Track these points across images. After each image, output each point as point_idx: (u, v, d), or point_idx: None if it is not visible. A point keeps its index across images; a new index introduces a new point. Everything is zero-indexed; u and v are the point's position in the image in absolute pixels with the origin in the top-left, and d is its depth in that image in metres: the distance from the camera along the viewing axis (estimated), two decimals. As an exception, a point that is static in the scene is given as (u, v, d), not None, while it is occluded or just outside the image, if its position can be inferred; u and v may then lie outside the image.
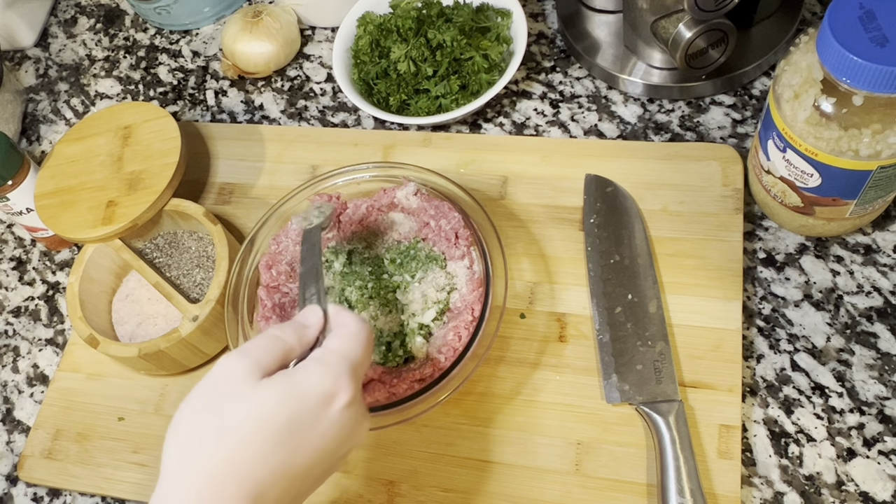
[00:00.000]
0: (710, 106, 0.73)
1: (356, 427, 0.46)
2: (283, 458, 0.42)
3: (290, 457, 0.42)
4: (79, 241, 0.71)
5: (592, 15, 0.78)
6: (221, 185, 0.78)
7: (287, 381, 0.43)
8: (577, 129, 0.75)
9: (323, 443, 0.43)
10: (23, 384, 0.73)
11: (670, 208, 0.67)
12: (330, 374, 0.44)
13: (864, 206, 0.59)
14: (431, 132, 0.77)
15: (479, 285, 0.61)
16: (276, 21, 0.83)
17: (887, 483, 0.56)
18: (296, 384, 0.43)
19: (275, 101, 0.84)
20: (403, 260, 0.64)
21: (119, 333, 0.71)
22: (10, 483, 0.68)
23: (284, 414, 0.42)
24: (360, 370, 0.46)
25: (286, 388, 0.43)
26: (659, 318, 0.62)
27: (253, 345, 0.45)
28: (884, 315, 0.61)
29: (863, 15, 0.50)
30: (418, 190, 0.66)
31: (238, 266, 0.65)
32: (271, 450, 0.42)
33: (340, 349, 0.45)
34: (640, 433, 0.59)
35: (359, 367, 0.46)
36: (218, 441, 0.41)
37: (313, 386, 0.43)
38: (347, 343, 0.46)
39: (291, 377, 0.43)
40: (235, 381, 0.43)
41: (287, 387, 0.43)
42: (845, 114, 0.52)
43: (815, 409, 0.59)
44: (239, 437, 0.41)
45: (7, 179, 0.71)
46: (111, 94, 0.90)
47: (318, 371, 0.44)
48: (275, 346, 0.45)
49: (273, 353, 0.45)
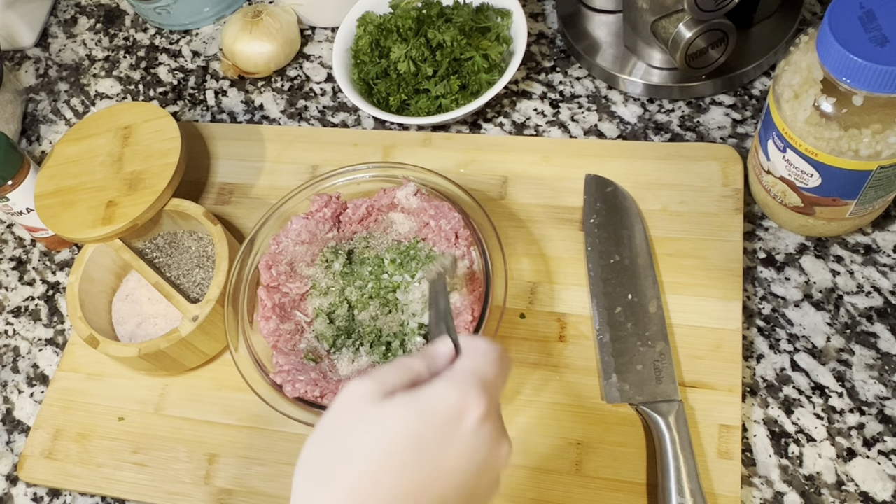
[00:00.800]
0: (710, 106, 0.73)
1: (494, 448, 0.41)
2: (413, 483, 0.38)
3: (421, 481, 0.38)
4: (79, 241, 0.71)
5: (592, 15, 0.78)
6: (221, 185, 0.78)
7: (411, 398, 0.39)
8: (577, 129, 0.75)
9: (458, 465, 0.39)
10: (23, 384, 0.73)
11: (670, 208, 0.67)
12: (457, 388, 0.40)
13: (864, 206, 0.59)
14: (431, 132, 0.77)
15: (479, 285, 0.61)
16: (276, 21, 0.83)
17: (887, 483, 0.56)
18: (420, 400, 0.39)
19: (275, 101, 0.84)
20: (403, 260, 0.64)
21: (119, 333, 0.71)
22: (10, 483, 0.68)
23: (409, 433, 0.38)
24: (493, 388, 0.42)
25: (410, 405, 0.39)
26: (659, 318, 0.62)
27: (379, 370, 0.42)
28: (884, 315, 0.61)
29: (863, 15, 0.50)
30: (418, 190, 0.66)
31: (238, 266, 0.65)
32: (399, 474, 0.38)
33: (469, 366, 0.42)
34: (640, 433, 0.59)
35: (491, 385, 0.41)
36: (344, 471, 0.38)
37: (440, 401, 0.39)
38: (476, 360, 0.42)
39: (416, 393, 0.40)
40: (358, 404, 0.40)
41: (411, 403, 0.39)
42: (845, 114, 0.52)
43: (815, 409, 0.59)
44: (364, 464, 0.38)
45: (7, 179, 0.71)
46: (111, 94, 0.90)
47: (445, 386, 0.40)
48: (401, 372, 0.42)
49: (399, 377, 0.41)
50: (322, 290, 0.65)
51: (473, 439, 0.40)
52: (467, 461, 0.39)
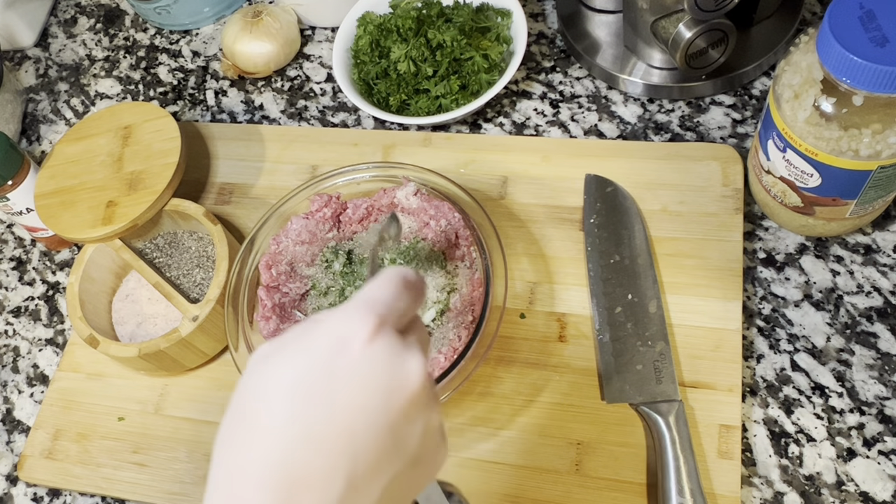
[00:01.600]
0: (710, 106, 0.73)
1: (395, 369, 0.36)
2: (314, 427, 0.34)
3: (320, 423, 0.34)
4: (79, 241, 0.71)
5: (592, 15, 0.78)
6: (221, 185, 0.78)
7: (298, 341, 0.36)
8: (577, 129, 0.75)
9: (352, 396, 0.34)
10: (23, 384, 0.73)
11: (670, 208, 0.67)
12: (338, 316, 0.36)
13: (864, 206, 0.59)
14: (431, 132, 0.77)
15: (479, 285, 0.61)
16: (276, 21, 0.83)
17: (887, 483, 0.56)
18: (305, 340, 0.36)
19: (275, 101, 0.84)
20: (403, 260, 0.64)
21: (119, 333, 0.71)
22: (10, 483, 0.68)
23: (297, 376, 0.35)
24: (385, 306, 0.37)
25: (297, 348, 0.36)
26: (659, 318, 0.62)
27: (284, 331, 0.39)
28: (884, 315, 0.61)
29: (863, 15, 0.50)
30: (418, 190, 0.66)
31: (238, 266, 0.65)
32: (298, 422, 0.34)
33: (359, 294, 0.38)
34: (640, 433, 0.59)
35: (383, 304, 0.37)
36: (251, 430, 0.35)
37: (321, 333, 0.36)
38: (369, 287, 0.38)
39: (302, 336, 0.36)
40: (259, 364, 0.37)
41: (298, 345, 0.36)
42: (845, 114, 0.52)
43: (815, 409, 0.59)
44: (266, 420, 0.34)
45: (7, 179, 0.71)
46: (111, 94, 0.90)
47: (327, 318, 0.37)
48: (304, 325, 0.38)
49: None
50: (322, 290, 0.65)
51: (362, 363, 0.35)
52: (361, 389, 0.35)
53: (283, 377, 0.35)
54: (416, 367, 0.36)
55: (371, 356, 0.35)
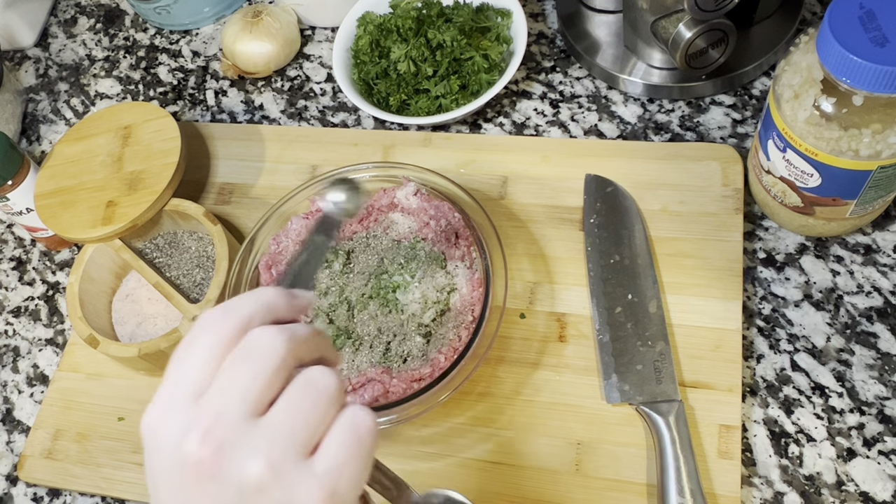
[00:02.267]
0: (710, 106, 0.73)
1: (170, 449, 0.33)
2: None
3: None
4: (79, 241, 0.71)
5: (592, 15, 0.78)
6: (221, 185, 0.78)
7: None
8: (577, 129, 0.75)
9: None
10: (23, 384, 0.73)
11: (670, 208, 0.67)
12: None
13: (864, 206, 0.59)
14: (431, 132, 0.77)
15: (479, 285, 0.61)
16: (276, 21, 0.83)
17: (887, 483, 0.56)
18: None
19: (275, 101, 0.84)
20: (403, 260, 0.64)
21: (119, 333, 0.71)
22: (10, 483, 0.68)
23: None
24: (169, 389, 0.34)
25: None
26: (659, 318, 0.62)
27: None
28: (884, 315, 0.61)
29: (863, 15, 0.50)
30: (418, 190, 0.66)
31: (238, 266, 0.65)
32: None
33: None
34: (640, 433, 0.59)
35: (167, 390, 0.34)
36: None
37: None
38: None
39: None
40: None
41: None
42: (845, 114, 0.52)
43: (815, 409, 0.59)
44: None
45: (7, 179, 0.71)
46: (111, 94, 0.90)
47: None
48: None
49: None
50: (322, 290, 0.65)
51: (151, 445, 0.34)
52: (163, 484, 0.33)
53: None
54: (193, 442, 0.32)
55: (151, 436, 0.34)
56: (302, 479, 0.32)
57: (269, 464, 0.31)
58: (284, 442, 0.32)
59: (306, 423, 0.32)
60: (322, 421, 0.33)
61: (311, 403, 0.33)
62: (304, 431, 0.32)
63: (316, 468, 0.32)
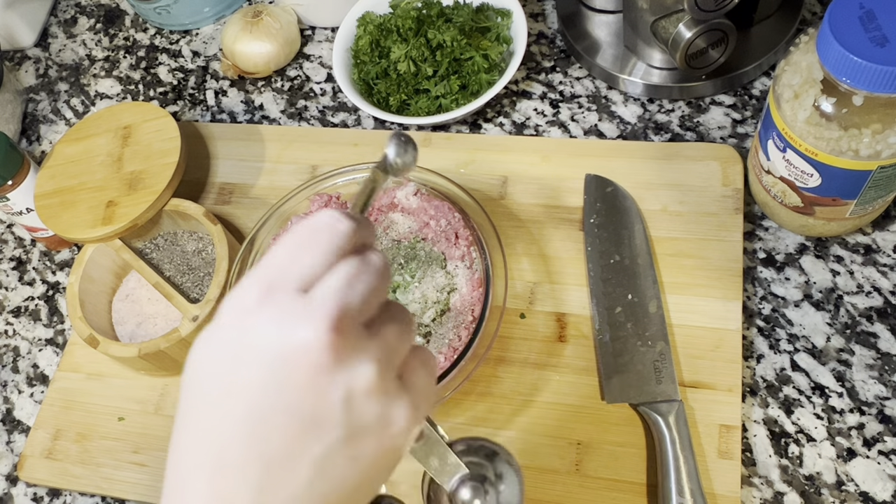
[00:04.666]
0: (710, 106, 0.73)
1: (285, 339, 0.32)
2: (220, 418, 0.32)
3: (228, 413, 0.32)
4: (79, 241, 0.71)
5: (592, 15, 0.78)
6: (221, 185, 0.78)
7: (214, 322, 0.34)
8: (577, 129, 0.75)
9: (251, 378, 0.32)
10: (23, 384, 0.73)
11: (670, 208, 0.67)
12: (234, 289, 0.34)
13: (864, 206, 0.59)
14: (431, 132, 0.77)
15: (479, 285, 0.61)
16: (276, 21, 0.83)
17: (887, 483, 0.56)
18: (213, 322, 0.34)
19: (275, 101, 0.84)
20: (403, 260, 0.64)
21: (119, 333, 0.71)
22: (10, 483, 0.68)
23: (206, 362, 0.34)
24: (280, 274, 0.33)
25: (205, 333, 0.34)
26: (659, 318, 0.62)
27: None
28: (884, 315, 0.61)
29: (863, 15, 0.50)
30: (418, 190, 0.66)
31: (238, 266, 0.65)
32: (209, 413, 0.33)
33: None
34: (640, 433, 0.59)
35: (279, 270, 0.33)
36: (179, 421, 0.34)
37: (221, 311, 0.34)
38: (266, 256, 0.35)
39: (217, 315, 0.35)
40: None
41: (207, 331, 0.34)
42: (845, 114, 0.52)
43: (815, 409, 0.59)
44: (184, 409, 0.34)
45: (7, 179, 0.71)
46: (111, 94, 0.90)
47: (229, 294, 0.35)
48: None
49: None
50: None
51: (252, 337, 0.32)
52: (257, 365, 0.32)
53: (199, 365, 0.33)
54: (309, 331, 0.31)
55: (257, 328, 0.32)
56: (399, 396, 0.34)
57: (380, 372, 0.33)
58: (390, 358, 0.34)
59: (404, 347, 0.35)
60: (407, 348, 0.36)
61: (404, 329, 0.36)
62: (400, 355, 0.35)
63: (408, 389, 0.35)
